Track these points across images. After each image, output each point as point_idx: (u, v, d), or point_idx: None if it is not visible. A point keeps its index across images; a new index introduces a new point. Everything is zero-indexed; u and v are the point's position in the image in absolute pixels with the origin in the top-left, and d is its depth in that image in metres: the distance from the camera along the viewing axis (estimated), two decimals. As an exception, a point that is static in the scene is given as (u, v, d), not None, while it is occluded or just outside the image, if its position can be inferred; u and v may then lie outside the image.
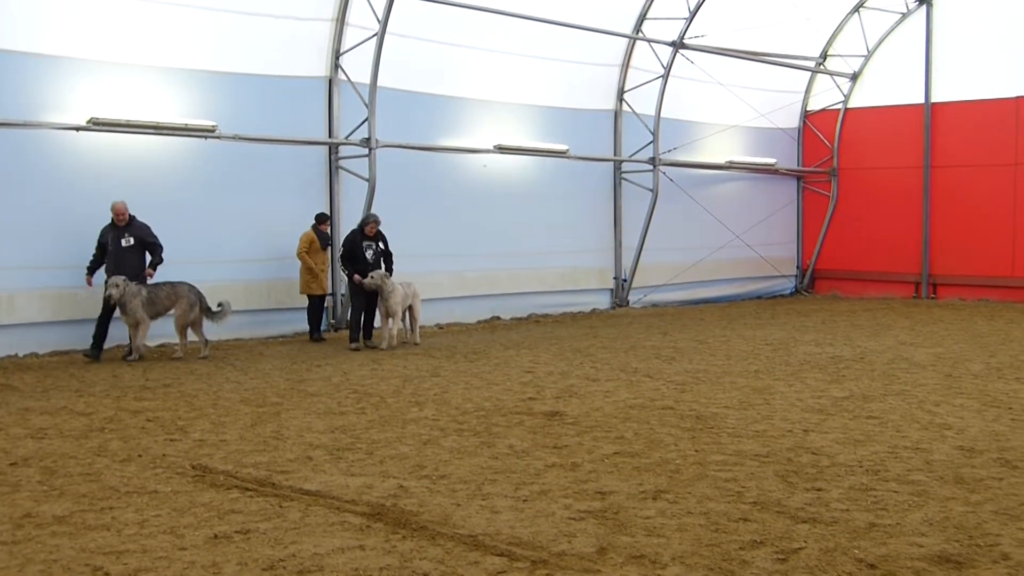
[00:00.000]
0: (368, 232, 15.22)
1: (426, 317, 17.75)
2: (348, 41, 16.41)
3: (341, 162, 16.81)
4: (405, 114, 17.52)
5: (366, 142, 16.41)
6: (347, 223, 16.63)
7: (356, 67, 16.40)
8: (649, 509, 6.69)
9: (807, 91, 25.65)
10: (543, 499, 6.92)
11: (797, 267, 26.17)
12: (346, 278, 15.65)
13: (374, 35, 16.09)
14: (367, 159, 16.45)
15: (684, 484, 7.30)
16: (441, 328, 17.81)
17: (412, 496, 7.01)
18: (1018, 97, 22.64)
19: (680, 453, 8.26)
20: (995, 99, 22.96)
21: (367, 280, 14.96)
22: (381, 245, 15.40)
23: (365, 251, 15.17)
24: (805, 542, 6.00)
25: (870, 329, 17.66)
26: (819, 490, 7.13)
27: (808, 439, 8.78)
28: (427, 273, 17.46)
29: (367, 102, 16.35)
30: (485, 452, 8.33)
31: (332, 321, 16.79)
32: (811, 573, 5.50)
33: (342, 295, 16.84)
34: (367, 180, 16.40)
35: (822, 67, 24.92)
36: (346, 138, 16.64)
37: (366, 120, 16.44)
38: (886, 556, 5.76)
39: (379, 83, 16.37)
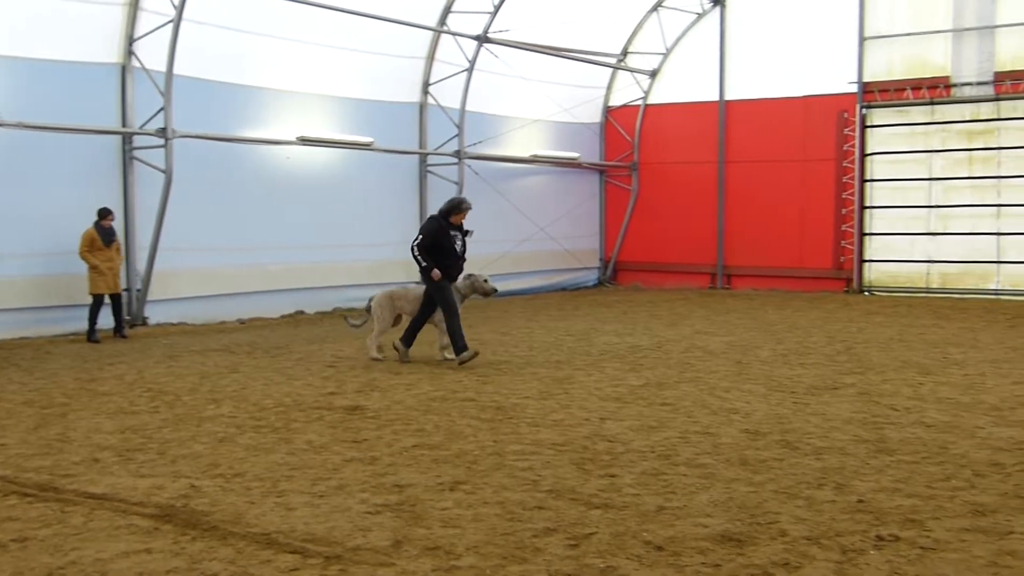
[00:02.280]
0: (455, 220, 12.97)
1: (226, 312, 17.38)
2: (142, 27, 15.84)
3: (136, 153, 16.22)
4: (204, 104, 17.04)
5: (162, 132, 15.88)
6: (143, 216, 16.10)
7: (151, 54, 15.85)
8: (446, 500, 6.70)
9: (609, 87, 26.26)
10: (340, 494, 6.85)
11: (600, 259, 26.78)
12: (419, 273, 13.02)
13: (170, 21, 15.59)
14: (163, 150, 15.92)
15: (482, 475, 7.35)
16: (243, 323, 17.42)
17: (204, 496, 6.82)
18: (805, 96, 23.75)
19: (479, 444, 8.32)
20: (784, 98, 24.04)
21: (463, 282, 13.20)
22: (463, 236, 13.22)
23: (453, 242, 12.94)
24: (597, 527, 6.13)
25: (668, 319, 18.21)
26: (613, 476, 7.30)
27: (604, 427, 8.98)
28: (227, 267, 17.04)
29: (163, 91, 15.84)
30: (282, 448, 8.19)
31: (128, 317, 16.16)
32: (601, 557, 5.62)
33: (137, 290, 16.22)
34: (163, 172, 15.89)
35: (623, 64, 25.55)
36: (141, 128, 16.06)
37: (162, 109, 15.91)
38: (673, 537, 5.93)
39: (176, 71, 15.89)
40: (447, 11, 20.42)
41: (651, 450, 8.09)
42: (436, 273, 12.59)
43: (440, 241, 12.68)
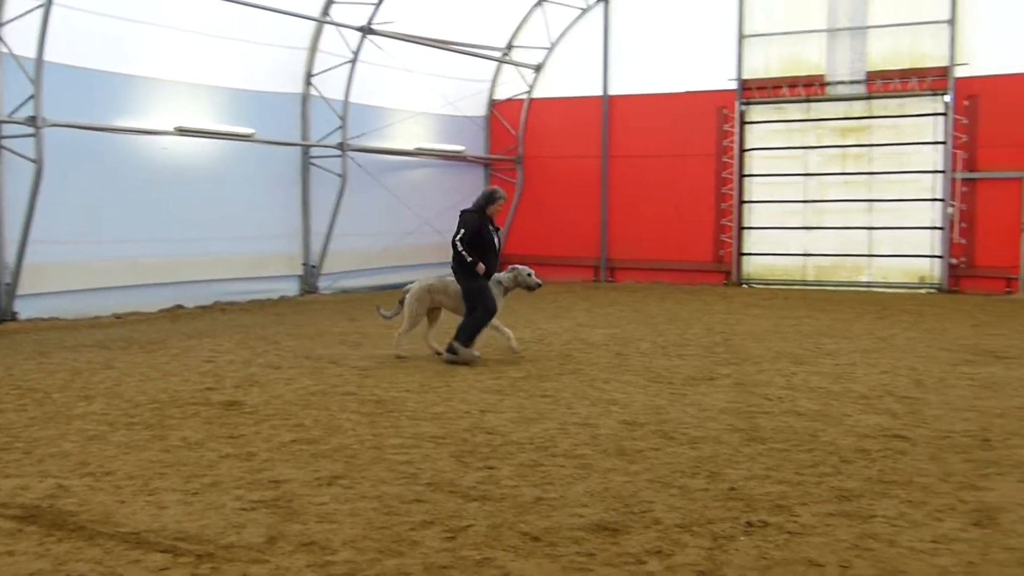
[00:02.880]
0: (490, 213, 12.59)
1: (101, 306, 16.93)
2: (10, 11, 15.27)
3: (4, 142, 15.65)
4: (78, 92, 16.53)
5: (32, 121, 15.36)
6: (12, 208, 15.56)
7: (21, 40, 15.29)
8: (323, 495, 6.65)
9: (494, 81, 26.31)
10: (214, 491, 6.74)
11: (486, 252, 26.77)
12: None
13: (40, 5, 15.07)
14: (34, 139, 15.42)
15: (360, 469, 7.31)
16: (118, 318, 16.97)
17: (72, 495, 6.64)
18: (686, 92, 24.14)
19: (358, 438, 8.27)
20: (666, 94, 24.40)
21: (506, 275, 12.75)
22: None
23: (492, 235, 12.58)
24: (474, 519, 6.15)
25: (551, 312, 18.35)
26: (491, 468, 7.32)
27: (484, 419, 9.01)
28: (102, 260, 16.61)
29: (32, 78, 15.33)
30: (156, 446, 8.02)
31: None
32: (477, 549, 5.64)
33: (6, 284, 15.65)
34: (34, 162, 15.39)
35: (508, 58, 25.62)
36: (9, 116, 15.52)
37: (32, 97, 15.40)
38: (549, 528, 5.99)
39: (48, 58, 15.38)
40: (330, 1, 20.20)
41: (530, 442, 8.15)
42: (481, 267, 12.31)
43: (481, 235, 12.39)
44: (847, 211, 22.70)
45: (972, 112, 21.51)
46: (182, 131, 18.25)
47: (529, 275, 12.86)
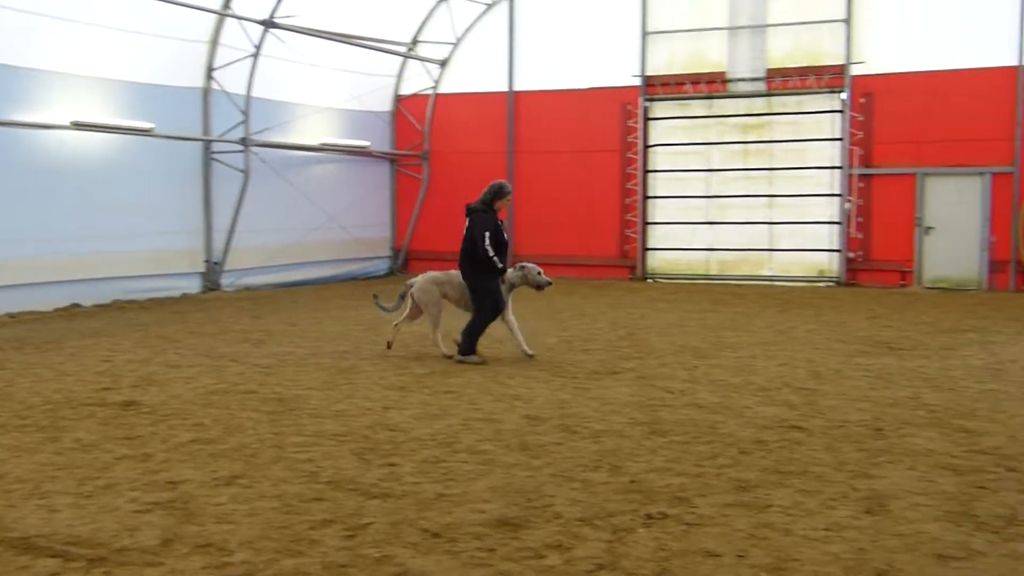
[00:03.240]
0: (498, 208, 11.97)
1: (-6, 306, 16.47)
2: None
3: None
4: (-33, 85, 16.08)
5: (-82, 114, 14.90)
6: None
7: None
8: (221, 496, 6.54)
9: (399, 76, 26.17)
10: (108, 494, 6.59)
11: (391, 248, 26.68)
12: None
13: (-74, -4, 14.63)
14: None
15: (260, 468, 7.22)
16: (12, 317, 16.50)
17: (-42, 500, 6.45)
18: (591, 88, 24.30)
19: (258, 437, 8.16)
20: (571, 90, 24.53)
21: (538, 278, 12.29)
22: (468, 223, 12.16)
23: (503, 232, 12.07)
24: (375, 517, 6.11)
25: (454, 309, 18.26)
26: (393, 465, 7.29)
27: (387, 416, 8.96)
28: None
29: (-82, 70, 14.86)
30: (48, 448, 7.81)
31: None
32: (377, 547, 5.61)
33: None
34: (-80, 156, 14.92)
35: (413, 53, 25.51)
36: None
37: (-81, 90, 14.94)
38: (450, 524, 5.98)
39: (-67, 50, 14.92)
40: (231, -6, 19.91)
41: (432, 438, 8.12)
42: (509, 274, 12.07)
43: (498, 234, 11.85)
44: (749, 206, 23.08)
45: (868, 109, 22.03)
46: (78, 125, 17.80)
47: (539, 273, 12.37)
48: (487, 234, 11.72)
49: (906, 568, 5.32)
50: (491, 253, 11.73)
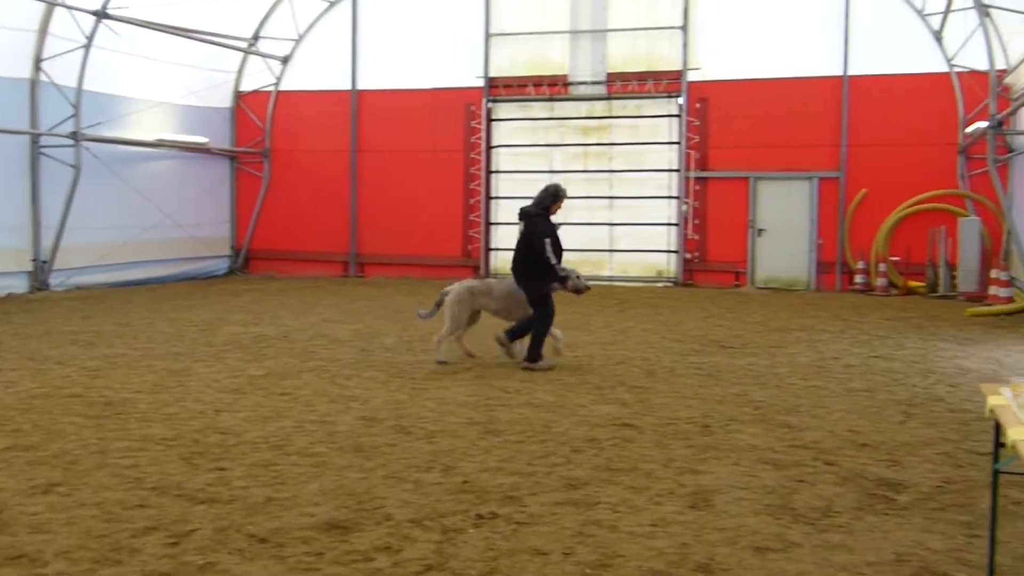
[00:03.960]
0: (554, 211, 11.65)
1: None
2: None
3: None
4: None
5: None
6: None
7: None
8: (38, 505, 6.29)
9: (240, 72, 25.69)
10: (-86, 504, 6.27)
11: (231, 247, 26.15)
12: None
13: None
14: None
15: (81, 475, 6.96)
16: None
17: None
18: (435, 89, 24.30)
19: (81, 443, 7.87)
20: (415, 89, 24.49)
21: (577, 282, 11.78)
22: (522, 227, 11.86)
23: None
24: (200, 523, 5.96)
25: (297, 308, 18.08)
26: (222, 470, 7.13)
27: (219, 419, 8.77)
28: None
29: None
30: None
31: None
32: (201, 554, 5.47)
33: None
34: None
35: (254, 48, 25.06)
36: None
37: None
38: (278, 528, 5.88)
39: None
40: (61, -17, 19.20)
41: (264, 441, 7.99)
42: (571, 284, 11.62)
43: (558, 240, 11.54)
44: (589, 207, 23.46)
45: (703, 114, 22.66)
46: None
47: (578, 278, 11.91)
48: (547, 241, 11.39)
49: (726, 561, 5.47)
50: (553, 261, 11.38)
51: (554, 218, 11.88)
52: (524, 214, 11.76)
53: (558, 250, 11.52)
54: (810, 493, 6.73)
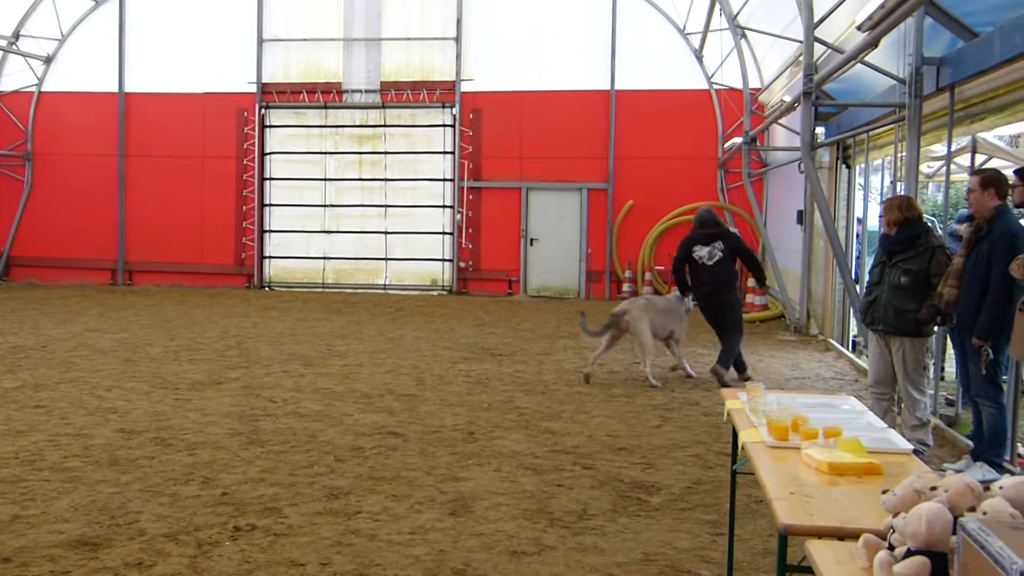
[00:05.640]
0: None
1: None
2: None
3: None
4: None
5: None
6: None
7: None
8: None
9: (-2, 71, 24.47)
10: None
11: (-11, 254, 24.85)
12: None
13: None
14: None
15: None
16: None
17: None
18: (206, 93, 23.79)
19: None
20: (185, 94, 23.90)
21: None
22: (722, 245, 11.87)
23: (697, 257, 11.88)
24: (-62, 545, 5.73)
25: (60, 317, 17.38)
26: (-34, 489, 6.86)
27: (-35, 436, 8.40)
28: None
29: None
30: None
31: None
32: (-63, 577, 5.28)
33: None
34: None
35: (14, 47, 23.89)
36: None
37: None
38: (24, 547, 5.72)
39: None
40: None
41: (15, 456, 7.71)
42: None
43: (681, 263, 12.13)
44: (364, 216, 23.48)
45: (476, 125, 23.05)
46: None
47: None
48: (751, 251, 12.48)
49: (482, 566, 5.65)
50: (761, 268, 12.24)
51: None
52: (721, 233, 12.04)
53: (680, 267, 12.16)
54: (567, 497, 7.01)
